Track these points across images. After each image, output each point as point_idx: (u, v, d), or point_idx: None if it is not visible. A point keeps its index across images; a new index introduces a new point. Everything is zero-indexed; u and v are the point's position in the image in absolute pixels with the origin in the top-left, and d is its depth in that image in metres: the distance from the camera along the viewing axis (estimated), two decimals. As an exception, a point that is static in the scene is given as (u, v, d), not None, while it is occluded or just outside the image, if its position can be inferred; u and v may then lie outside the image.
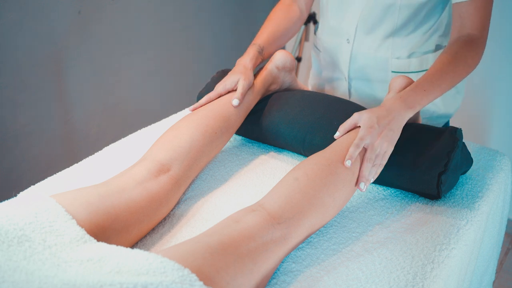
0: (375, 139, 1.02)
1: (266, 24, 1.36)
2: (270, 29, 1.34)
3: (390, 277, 0.89)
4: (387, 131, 1.03)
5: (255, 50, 1.29)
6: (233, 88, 1.22)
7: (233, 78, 1.23)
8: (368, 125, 1.03)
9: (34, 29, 1.63)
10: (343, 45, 1.35)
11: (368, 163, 1.01)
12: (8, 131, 1.66)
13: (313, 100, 1.26)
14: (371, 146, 1.01)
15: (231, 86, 1.22)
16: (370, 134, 1.02)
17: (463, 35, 1.16)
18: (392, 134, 1.03)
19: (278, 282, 0.88)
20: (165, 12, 2.07)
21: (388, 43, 1.29)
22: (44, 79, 1.71)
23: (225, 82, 1.22)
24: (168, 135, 1.10)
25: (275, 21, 1.36)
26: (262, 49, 1.30)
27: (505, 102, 2.10)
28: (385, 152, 1.03)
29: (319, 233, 1.00)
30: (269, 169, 1.21)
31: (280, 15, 1.38)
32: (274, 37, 1.34)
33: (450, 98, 1.38)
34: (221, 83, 1.23)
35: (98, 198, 0.90)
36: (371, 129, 1.02)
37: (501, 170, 1.23)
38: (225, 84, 1.22)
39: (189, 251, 0.78)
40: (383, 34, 1.29)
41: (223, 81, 1.23)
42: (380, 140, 1.02)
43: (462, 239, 0.99)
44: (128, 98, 2.05)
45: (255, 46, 1.30)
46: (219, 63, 2.40)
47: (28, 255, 0.75)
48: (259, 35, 1.33)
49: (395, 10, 1.25)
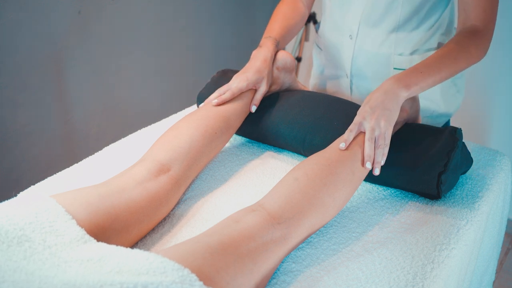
0: (371, 120, 1.02)
1: (276, 18, 1.34)
2: (282, 22, 1.32)
3: (390, 277, 0.89)
4: (382, 111, 1.03)
5: (273, 43, 1.26)
6: (254, 87, 1.21)
7: (256, 77, 1.20)
8: (362, 110, 1.04)
9: (34, 29, 1.63)
10: (346, 41, 1.35)
11: (369, 142, 1.01)
12: (8, 131, 1.66)
13: (313, 100, 1.26)
14: (369, 128, 1.02)
15: (253, 86, 1.20)
16: (363, 118, 1.03)
17: (468, 27, 1.16)
18: (388, 113, 1.03)
19: (278, 282, 0.88)
20: (165, 12, 2.07)
21: (390, 39, 1.30)
22: (44, 79, 1.71)
23: (248, 81, 1.19)
24: (168, 135, 1.10)
25: (284, 15, 1.34)
26: (278, 42, 1.28)
27: (505, 102, 2.10)
28: (385, 132, 1.02)
29: (319, 233, 1.00)
30: (269, 169, 1.21)
31: (288, 10, 1.36)
32: (287, 31, 1.32)
33: (451, 96, 1.39)
34: (243, 79, 1.19)
35: (98, 198, 0.90)
36: (364, 113, 1.03)
37: (501, 170, 1.23)
38: (248, 83, 1.19)
39: (189, 251, 0.78)
40: (386, 30, 1.29)
41: (245, 76, 1.19)
42: (375, 120, 1.02)
43: (462, 239, 0.99)
44: (128, 98, 2.05)
45: (271, 39, 1.27)
46: (219, 63, 2.40)
47: (28, 255, 0.75)
48: (271, 29, 1.31)
49: (398, 6, 1.25)
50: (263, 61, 1.22)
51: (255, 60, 1.23)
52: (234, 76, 1.22)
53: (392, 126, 1.04)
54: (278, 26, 1.31)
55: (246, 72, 1.21)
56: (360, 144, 1.03)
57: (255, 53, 1.25)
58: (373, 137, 1.02)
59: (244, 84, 1.19)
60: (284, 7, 1.37)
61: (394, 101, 1.04)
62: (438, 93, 1.35)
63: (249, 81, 1.19)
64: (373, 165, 1.02)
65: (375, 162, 1.02)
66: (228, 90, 1.18)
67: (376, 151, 1.02)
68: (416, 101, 1.20)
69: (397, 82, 1.06)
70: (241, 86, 1.18)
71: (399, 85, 1.05)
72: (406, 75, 1.07)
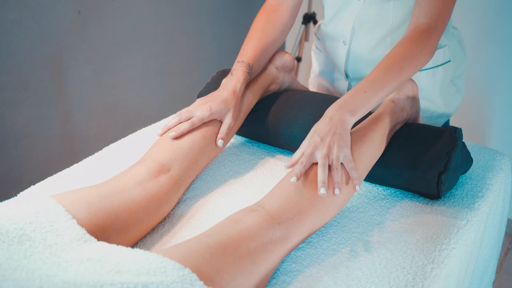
0: (323, 149, 0.96)
1: (251, 35, 1.25)
2: (257, 43, 1.23)
3: (390, 277, 0.89)
4: (331, 137, 0.97)
5: (245, 71, 1.18)
6: (218, 118, 1.14)
7: (221, 108, 1.12)
8: (310, 141, 0.99)
9: (34, 29, 1.63)
10: (340, 46, 1.35)
11: (322, 168, 0.94)
12: (8, 131, 1.66)
13: (313, 100, 1.26)
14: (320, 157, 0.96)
15: (216, 116, 1.13)
16: (315, 148, 0.97)
17: (417, 25, 1.11)
18: (339, 137, 0.97)
19: (278, 282, 0.88)
20: (165, 12, 2.07)
21: (384, 44, 1.30)
22: (44, 79, 1.71)
23: (211, 111, 1.11)
24: (168, 136, 1.10)
25: (261, 32, 1.25)
26: (251, 68, 1.20)
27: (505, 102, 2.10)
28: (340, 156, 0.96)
29: (319, 233, 1.00)
30: (269, 169, 1.21)
31: (267, 23, 1.26)
32: (261, 52, 1.23)
33: (450, 96, 1.39)
34: (206, 109, 1.11)
35: (98, 198, 0.90)
36: (315, 143, 0.98)
37: (501, 170, 1.23)
38: (211, 113, 1.11)
39: (189, 251, 0.78)
40: (379, 35, 1.29)
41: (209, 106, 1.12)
42: (327, 147, 0.96)
43: (462, 239, 1.00)
44: (128, 98, 2.05)
45: (243, 65, 1.19)
46: (219, 63, 2.40)
47: (29, 254, 0.76)
48: (245, 51, 1.22)
49: (389, 11, 1.25)
50: (231, 93, 1.15)
51: (223, 90, 1.15)
52: (197, 99, 1.15)
53: (348, 148, 0.98)
54: (252, 47, 1.22)
55: (211, 102, 1.13)
56: None
57: (224, 81, 1.18)
58: (325, 163, 0.95)
59: (207, 114, 1.11)
60: (263, 19, 1.27)
61: (342, 127, 0.99)
62: (437, 93, 1.35)
63: (212, 111, 1.11)
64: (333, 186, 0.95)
65: (334, 182, 0.95)
66: (189, 121, 1.10)
67: (333, 173, 0.95)
68: (417, 101, 1.20)
69: (341, 109, 1.00)
70: (202, 116, 1.10)
71: (342, 111, 1.00)
72: (350, 99, 1.02)
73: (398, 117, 1.14)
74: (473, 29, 1.98)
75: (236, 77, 1.17)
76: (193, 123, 1.10)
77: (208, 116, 1.11)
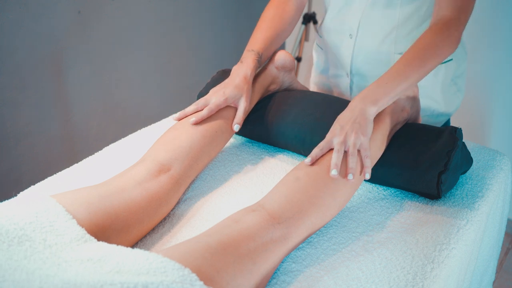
0: (340, 136, 1.01)
1: (261, 26, 1.30)
2: (266, 33, 1.28)
3: (390, 277, 0.89)
4: (351, 125, 1.01)
5: (255, 58, 1.22)
6: (232, 104, 1.17)
7: (235, 93, 1.16)
8: (332, 129, 1.03)
9: (34, 29, 1.63)
10: (346, 40, 1.35)
11: (337, 153, 0.98)
12: (8, 131, 1.66)
13: (313, 100, 1.26)
14: (337, 143, 1.00)
15: (231, 102, 1.16)
16: (334, 135, 1.01)
17: (440, 18, 1.14)
18: (357, 126, 1.01)
19: (278, 282, 0.88)
20: (165, 12, 2.07)
21: (390, 38, 1.30)
22: (44, 79, 1.71)
23: (225, 96, 1.15)
24: (168, 135, 1.10)
25: (270, 23, 1.30)
26: (261, 56, 1.24)
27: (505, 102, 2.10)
28: (357, 143, 1.00)
29: (319, 233, 1.00)
30: (269, 169, 1.21)
31: (275, 15, 1.31)
32: (271, 42, 1.28)
33: (451, 95, 1.39)
34: (221, 95, 1.15)
35: (98, 198, 0.90)
36: (334, 131, 1.02)
37: (501, 170, 1.23)
38: (226, 98, 1.15)
39: (189, 251, 0.78)
40: (386, 29, 1.29)
41: (223, 92, 1.16)
42: (345, 135, 1.00)
43: (462, 239, 1.00)
44: (128, 98, 2.05)
45: (253, 53, 1.23)
46: (219, 63, 2.40)
47: (29, 254, 0.76)
48: (255, 40, 1.26)
49: (396, 5, 1.25)
50: (242, 78, 1.18)
51: (235, 76, 1.19)
52: (211, 90, 1.19)
53: (366, 137, 1.01)
54: (262, 37, 1.27)
55: (224, 88, 1.17)
56: None
57: (235, 68, 1.21)
58: (341, 149, 0.99)
59: (222, 99, 1.14)
60: (271, 11, 1.32)
61: (363, 116, 1.03)
62: (439, 92, 1.35)
63: (226, 97, 1.15)
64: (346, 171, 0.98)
65: (348, 168, 0.98)
66: (206, 107, 1.14)
67: (348, 158, 0.99)
68: (417, 101, 1.20)
69: (363, 100, 1.04)
70: (219, 103, 1.14)
71: (365, 102, 1.04)
72: (372, 90, 1.06)
73: (398, 117, 1.14)
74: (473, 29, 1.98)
75: (247, 63, 1.21)
76: (210, 109, 1.13)
77: (223, 102, 1.15)
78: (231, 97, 1.16)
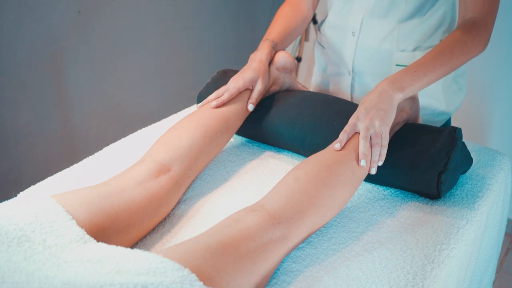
0: (365, 121, 1.03)
1: (277, 20, 1.36)
2: (282, 25, 1.34)
3: (390, 277, 0.89)
4: (376, 111, 1.04)
5: (270, 45, 1.28)
6: (251, 86, 1.22)
7: (252, 76, 1.22)
8: (356, 112, 1.06)
9: (34, 29, 1.63)
10: (348, 38, 1.36)
11: (363, 140, 1.02)
12: (8, 131, 1.66)
13: (313, 100, 1.26)
14: (363, 128, 1.03)
15: (250, 84, 1.21)
16: (358, 119, 1.04)
17: (467, 19, 1.16)
18: (383, 113, 1.04)
19: (278, 282, 0.88)
20: (165, 12, 2.07)
21: (393, 35, 1.30)
22: (44, 79, 1.71)
23: (244, 79, 1.20)
24: (168, 136, 1.10)
25: (285, 18, 1.36)
26: (276, 44, 1.30)
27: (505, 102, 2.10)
28: (380, 132, 1.03)
29: (319, 233, 1.00)
30: (269, 169, 1.21)
31: (290, 12, 1.38)
32: (286, 34, 1.34)
33: (452, 94, 1.39)
34: (240, 78, 1.20)
35: (98, 198, 0.90)
36: (359, 114, 1.05)
37: (501, 170, 1.23)
38: (245, 81, 1.20)
39: (189, 251, 0.78)
40: (389, 27, 1.29)
41: (241, 76, 1.21)
42: (369, 120, 1.03)
43: (462, 239, 1.00)
44: (128, 98, 2.05)
45: (268, 41, 1.29)
46: (219, 63, 2.40)
47: (28, 255, 0.75)
48: (271, 31, 1.33)
49: (401, 3, 1.26)
50: (258, 61, 1.24)
51: (252, 62, 1.25)
52: (231, 78, 1.23)
53: (388, 126, 1.04)
54: (277, 29, 1.33)
55: (242, 73, 1.22)
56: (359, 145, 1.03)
57: (252, 56, 1.27)
58: (367, 135, 1.02)
59: (241, 82, 1.20)
60: (286, 9, 1.39)
61: (388, 103, 1.05)
62: (439, 91, 1.35)
63: (245, 79, 1.20)
64: (370, 164, 1.02)
65: (371, 161, 1.02)
66: (226, 92, 1.19)
67: (372, 149, 1.03)
68: (416, 101, 1.20)
69: (391, 84, 1.06)
70: (238, 86, 1.20)
71: (393, 87, 1.06)
72: (401, 77, 1.08)
73: (398, 117, 1.14)
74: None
75: (262, 49, 1.27)
76: (230, 92, 1.19)
77: (243, 84, 1.20)
78: (248, 79, 1.21)
